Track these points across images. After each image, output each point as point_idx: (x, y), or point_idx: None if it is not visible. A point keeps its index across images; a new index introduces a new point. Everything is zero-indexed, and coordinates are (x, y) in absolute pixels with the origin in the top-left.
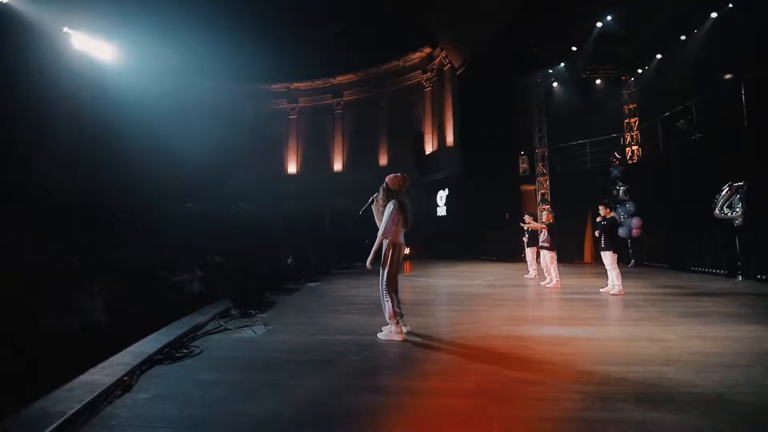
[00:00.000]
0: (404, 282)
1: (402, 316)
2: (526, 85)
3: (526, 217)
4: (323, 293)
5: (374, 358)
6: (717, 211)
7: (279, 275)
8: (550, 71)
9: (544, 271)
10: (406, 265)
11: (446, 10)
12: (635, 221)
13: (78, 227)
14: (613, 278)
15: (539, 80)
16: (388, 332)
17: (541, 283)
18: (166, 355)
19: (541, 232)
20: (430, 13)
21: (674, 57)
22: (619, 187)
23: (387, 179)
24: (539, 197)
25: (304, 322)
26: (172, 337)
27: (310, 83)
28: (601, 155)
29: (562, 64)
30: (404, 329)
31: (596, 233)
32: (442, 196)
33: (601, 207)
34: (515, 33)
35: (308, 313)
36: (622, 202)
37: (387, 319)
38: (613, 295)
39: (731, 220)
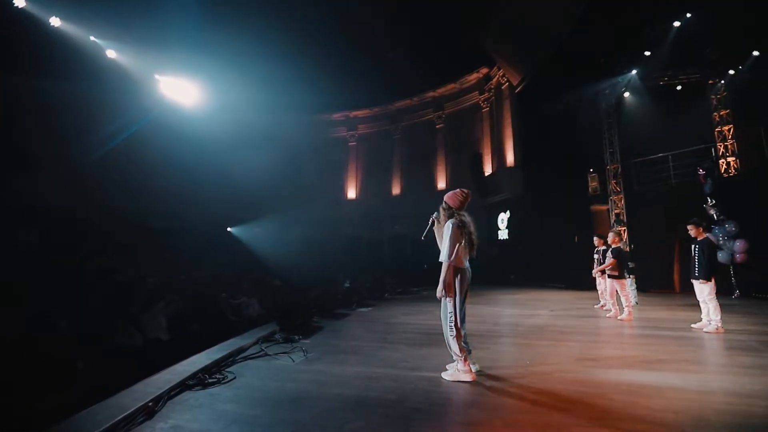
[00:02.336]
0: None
1: (470, 352)
2: (592, 97)
3: (596, 239)
4: (373, 319)
5: (412, 398)
6: None
7: (330, 299)
8: (620, 80)
9: (609, 300)
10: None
11: (502, 27)
12: (739, 244)
13: (166, 249)
14: (710, 312)
15: (607, 91)
16: (455, 371)
17: (607, 315)
18: (198, 380)
19: (608, 256)
20: (485, 33)
21: None
22: (711, 204)
23: (446, 197)
24: (613, 218)
25: (345, 351)
26: (209, 361)
27: (368, 111)
28: (687, 169)
29: (634, 71)
30: (473, 368)
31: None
32: (503, 218)
33: (690, 226)
34: (577, 43)
35: (352, 341)
36: (721, 222)
37: (453, 355)
38: (708, 332)
39: None
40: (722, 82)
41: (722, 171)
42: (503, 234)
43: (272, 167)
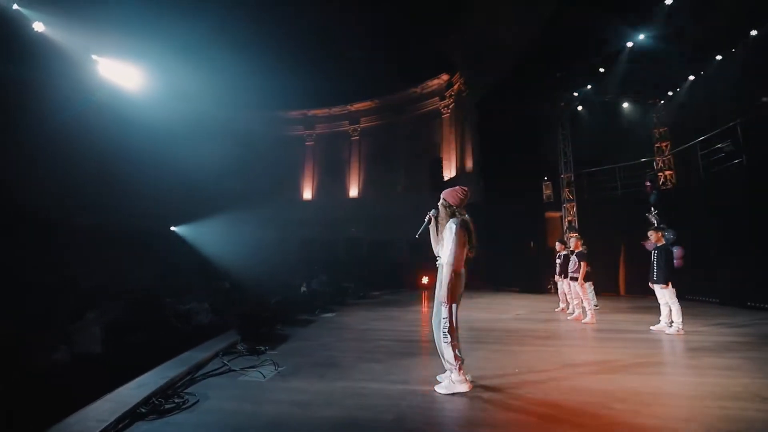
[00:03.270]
0: (419, 315)
1: (463, 361)
2: (549, 110)
3: (557, 245)
4: (341, 326)
5: (411, 417)
6: None
7: (291, 305)
8: (576, 94)
9: (573, 303)
10: (424, 297)
11: (465, 36)
12: (677, 251)
13: (98, 250)
14: (670, 314)
15: (563, 104)
16: (449, 382)
17: (569, 317)
18: (153, 406)
19: (572, 260)
20: (448, 41)
21: (709, 77)
22: (653, 213)
23: (444, 194)
24: (566, 224)
25: (322, 363)
26: (163, 381)
27: (327, 110)
28: (632, 180)
29: (589, 86)
30: (468, 377)
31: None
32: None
33: (652, 233)
34: (537, 57)
35: (325, 351)
36: (661, 231)
37: (447, 365)
38: (669, 334)
39: None
40: (662, 102)
41: (660, 183)
42: None
43: (225, 163)
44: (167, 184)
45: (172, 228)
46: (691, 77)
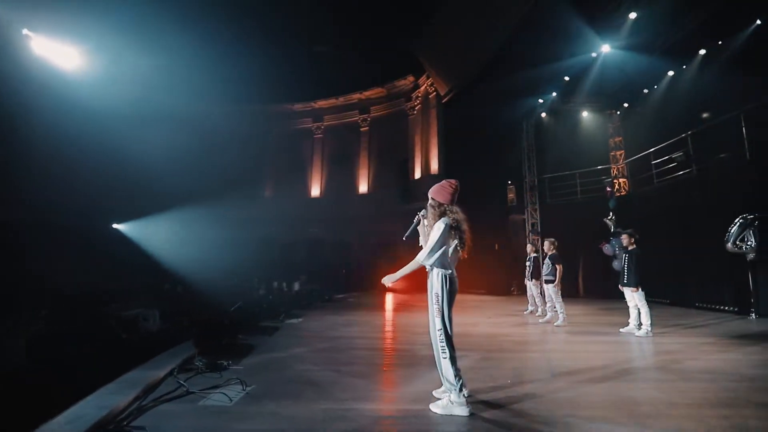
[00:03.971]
0: (401, 321)
1: (463, 382)
2: (514, 114)
3: (528, 247)
4: (311, 333)
5: None
6: (730, 245)
7: (254, 311)
8: (541, 101)
9: (548, 306)
10: (393, 300)
11: (434, 38)
12: None
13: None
14: (639, 317)
15: (528, 110)
16: (448, 403)
17: (540, 320)
18: None
19: (545, 263)
20: (417, 42)
21: (662, 92)
22: (611, 218)
23: (431, 192)
24: (529, 227)
25: (295, 380)
26: (104, 412)
27: (289, 106)
28: (590, 186)
29: (554, 94)
30: (465, 392)
31: (615, 264)
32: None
33: (624, 236)
34: (503, 63)
35: (297, 365)
36: (617, 235)
37: (446, 385)
38: (638, 336)
39: (744, 254)
40: (618, 113)
41: (614, 190)
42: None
43: (180, 156)
44: (110, 178)
45: (115, 225)
46: (645, 90)
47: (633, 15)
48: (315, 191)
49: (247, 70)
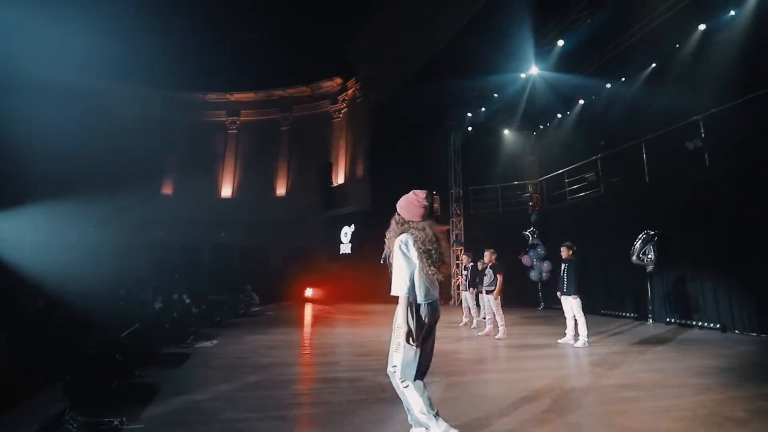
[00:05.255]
0: (337, 339)
1: (436, 411)
2: (442, 125)
3: (465, 257)
4: (233, 362)
5: None
6: (635, 258)
7: (153, 333)
8: (469, 114)
9: (487, 318)
10: (317, 312)
11: (368, 42)
12: (546, 265)
13: None
14: (575, 328)
15: (457, 122)
16: None
17: (479, 333)
18: None
19: (487, 273)
20: (350, 44)
21: (573, 118)
22: (533, 232)
23: (398, 207)
24: (453, 237)
25: None
26: None
27: (200, 95)
28: (511, 200)
29: (482, 109)
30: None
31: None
32: (347, 232)
33: (563, 248)
34: (437, 72)
35: (227, 411)
36: (534, 247)
37: (421, 419)
38: (576, 347)
39: (645, 266)
40: (534, 134)
41: (536, 204)
42: (346, 248)
43: (65, 137)
44: None
45: None
46: (559, 115)
47: (561, 42)
48: (226, 191)
49: (155, 50)
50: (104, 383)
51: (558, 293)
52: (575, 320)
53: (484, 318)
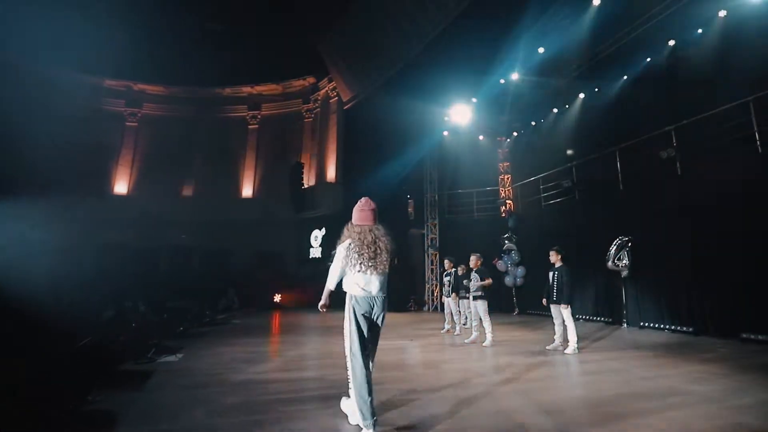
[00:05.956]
0: (321, 347)
1: (374, 416)
2: (418, 128)
3: (447, 262)
4: (203, 380)
5: None
6: (610, 264)
7: (110, 347)
8: (446, 118)
9: (474, 325)
10: (283, 317)
11: (343, 41)
12: (520, 270)
13: None
14: (565, 334)
15: (433, 125)
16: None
17: (465, 341)
18: None
19: (473, 278)
20: (323, 42)
21: (548, 126)
22: (510, 237)
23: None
24: (428, 242)
25: None
26: None
27: (162, 88)
28: (485, 205)
29: (460, 112)
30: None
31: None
32: (317, 236)
33: (552, 253)
34: (413, 74)
35: None
36: (508, 252)
37: (352, 398)
38: (567, 353)
39: (619, 271)
40: (508, 140)
41: (501, 212)
42: (316, 252)
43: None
44: None
45: None
46: (533, 123)
47: (541, 50)
48: (187, 190)
49: (106, 37)
50: (45, 413)
51: (544, 300)
52: (564, 326)
53: (465, 324)
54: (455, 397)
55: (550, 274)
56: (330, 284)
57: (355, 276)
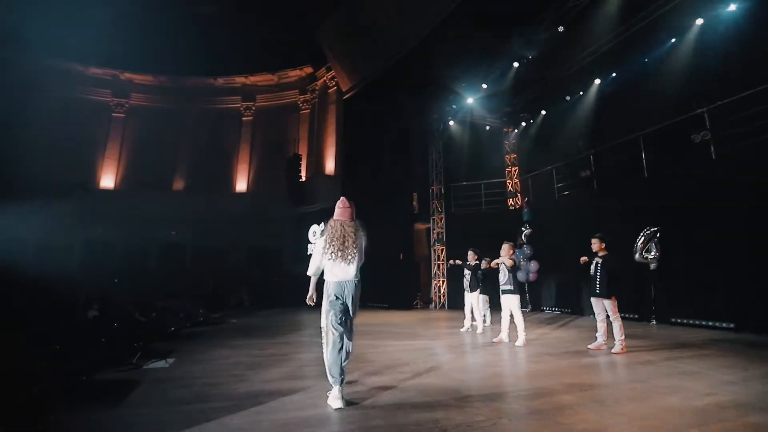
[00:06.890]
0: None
1: (342, 379)
2: (422, 118)
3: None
4: (197, 391)
5: None
6: (638, 256)
7: (87, 351)
8: (453, 107)
9: (503, 323)
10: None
11: (341, 29)
12: (533, 265)
13: None
14: (606, 331)
15: (436, 116)
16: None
17: (494, 339)
18: None
19: (502, 271)
20: (321, 31)
21: (561, 113)
22: (525, 230)
23: None
24: (434, 237)
25: None
26: None
27: (151, 77)
28: (493, 197)
29: (468, 101)
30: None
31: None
32: (315, 231)
33: (594, 241)
34: (418, 61)
35: None
36: (520, 246)
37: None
38: (615, 353)
39: (647, 264)
40: (515, 131)
41: (509, 205)
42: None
43: None
44: None
45: None
46: (543, 111)
47: (561, 28)
48: (178, 184)
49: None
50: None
51: (591, 296)
52: (607, 322)
53: (484, 322)
54: (529, 413)
55: (592, 264)
56: (309, 271)
57: (327, 263)
